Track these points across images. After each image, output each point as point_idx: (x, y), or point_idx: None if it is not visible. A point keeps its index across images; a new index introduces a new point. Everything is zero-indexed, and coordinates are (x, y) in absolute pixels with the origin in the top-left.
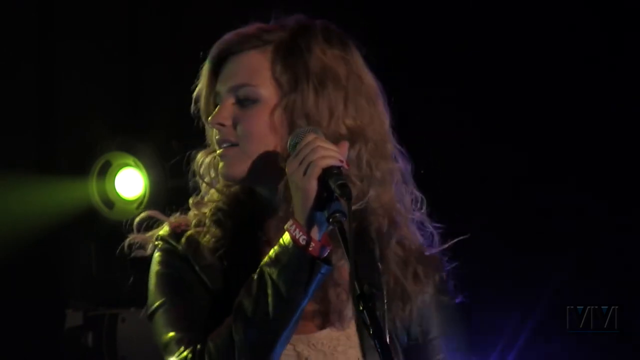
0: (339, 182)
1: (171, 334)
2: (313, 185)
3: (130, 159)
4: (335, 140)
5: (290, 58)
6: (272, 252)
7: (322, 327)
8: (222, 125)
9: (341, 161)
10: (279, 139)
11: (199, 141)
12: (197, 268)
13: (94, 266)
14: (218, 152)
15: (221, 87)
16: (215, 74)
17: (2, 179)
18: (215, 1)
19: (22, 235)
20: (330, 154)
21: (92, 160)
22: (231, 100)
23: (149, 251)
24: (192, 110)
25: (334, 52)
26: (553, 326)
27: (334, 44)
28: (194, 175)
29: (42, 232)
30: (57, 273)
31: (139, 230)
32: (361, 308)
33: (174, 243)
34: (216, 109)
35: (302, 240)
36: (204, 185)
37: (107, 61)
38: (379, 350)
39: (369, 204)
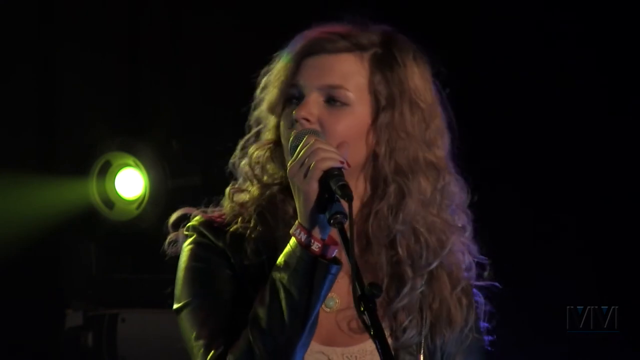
0: (340, 183)
1: (200, 340)
2: (314, 188)
3: (130, 159)
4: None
5: (388, 71)
6: (280, 258)
7: (357, 341)
8: (308, 120)
9: (342, 162)
10: (362, 146)
11: (199, 141)
12: (236, 264)
13: (94, 266)
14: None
15: (308, 82)
16: (297, 66)
17: (2, 178)
18: (214, 4)
19: (22, 235)
20: (331, 156)
21: (92, 161)
22: (320, 97)
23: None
24: (256, 99)
25: (421, 70)
26: (553, 326)
27: (419, 61)
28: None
29: (42, 232)
30: (57, 273)
31: (174, 229)
32: (362, 309)
33: (210, 236)
34: (302, 103)
35: (306, 242)
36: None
37: (107, 61)
38: (379, 351)
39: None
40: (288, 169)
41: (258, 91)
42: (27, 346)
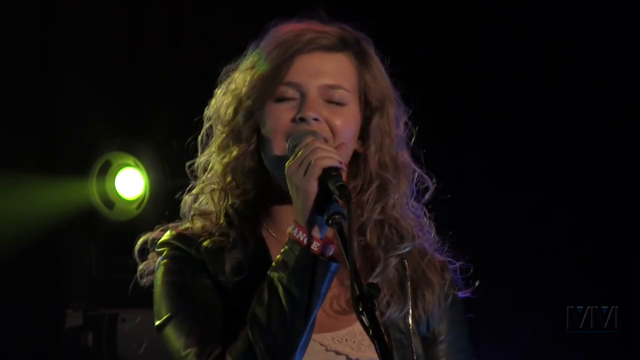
0: (338, 183)
1: (189, 348)
2: (313, 186)
3: (130, 159)
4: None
5: (372, 70)
6: (278, 258)
7: (345, 324)
8: (317, 120)
9: (340, 162)
10: (353, 144)
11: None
12: (214, 275)
13: (94, 266)
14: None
15: (306, 81)
16: (290, 64)
17: (2, 178)
18: (214, 3)
19: (22, 235)
20: (330, 155)
21: (92, 161)
22: (319, 97)
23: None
24: (219, 95)
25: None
26: (553, 326)
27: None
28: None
29: (42, 232)
30: (57, 273)
31: (142, 254)
32: (360, 309)
33: (183, 247)
34: (308, 102)
35: (305, 241)
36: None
37: (107, 61)
38: (378, 351)
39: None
40: (286, 168)
41: (224, 87)
42: (27, 346)
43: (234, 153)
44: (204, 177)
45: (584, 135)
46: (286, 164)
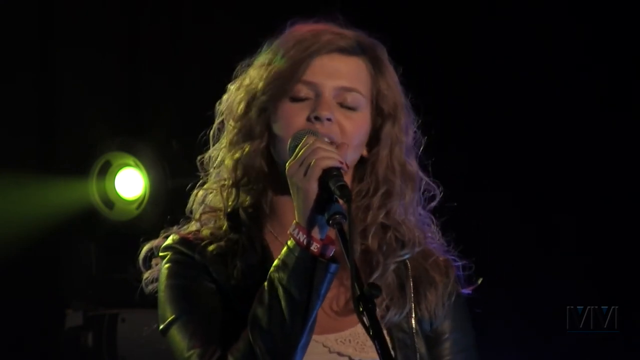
0: (339, 183)
1: (192, 350)
2: (313, 187)
3: (130, 159)
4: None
5: (386, 77)
6: (279, 259)
7: (347, 325)
8: (330, 120)
9: (341, 162)
10: (360, 149)
11: (199, 141)
12: (218, 279)
13: (94, 266)
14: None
15: (323, 82)
16: (309, 64)
17: (2, 178)
18: (214, 3)
19: (22, 235)
20: (331, 155)
21: (92, 160)
22: (333, 99)
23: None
24: (234, 90)
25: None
26: (553, 326)
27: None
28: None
29: (42, 232)
30: (57, 273)
31: (145, 260)
32: (361, 309)
33: (186, 251)
34: (322, 102)
35: (305, 242)
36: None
37: (107, 61)
38: (379, 351)
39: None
40: (287, 168)
41: (238, 82)
42: (27, 346)
43: (246, 149)
44: (214, 172)
45: (585, 136)
46: (287, 164)
